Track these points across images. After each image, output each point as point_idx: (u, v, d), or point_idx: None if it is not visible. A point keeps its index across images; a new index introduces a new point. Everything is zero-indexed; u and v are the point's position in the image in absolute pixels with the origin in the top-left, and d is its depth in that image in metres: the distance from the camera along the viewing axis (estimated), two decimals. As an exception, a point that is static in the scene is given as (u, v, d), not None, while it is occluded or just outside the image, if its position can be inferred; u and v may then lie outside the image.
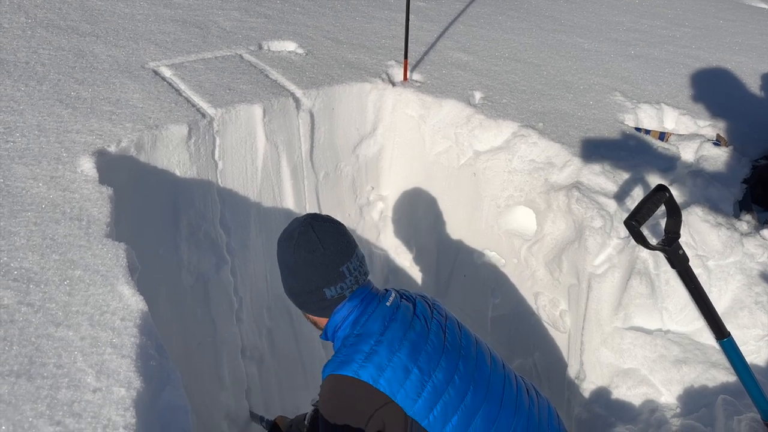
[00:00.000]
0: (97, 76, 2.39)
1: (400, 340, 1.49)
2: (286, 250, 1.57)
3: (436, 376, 1.48)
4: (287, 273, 1.58)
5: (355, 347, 1.48)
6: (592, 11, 4.42)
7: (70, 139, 1.98)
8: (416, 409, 1.43)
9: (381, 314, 1.54)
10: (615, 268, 2.18)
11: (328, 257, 1.53)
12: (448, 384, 1.48)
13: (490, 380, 1.56)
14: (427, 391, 1.45)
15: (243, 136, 2.37)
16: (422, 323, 1.56)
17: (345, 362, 1.46)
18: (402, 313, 1.55)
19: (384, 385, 1.42)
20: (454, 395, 1.48)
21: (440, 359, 1.50)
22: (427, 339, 1.52)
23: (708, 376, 1.99)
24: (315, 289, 1.54)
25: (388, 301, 1.58)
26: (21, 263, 1.51)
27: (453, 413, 1.46)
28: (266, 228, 2.56)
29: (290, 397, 2.85)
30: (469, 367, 1.54)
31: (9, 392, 1.21)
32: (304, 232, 1.54)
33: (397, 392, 1.43)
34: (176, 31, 2.89)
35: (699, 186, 2.37)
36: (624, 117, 2.82)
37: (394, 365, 1.45)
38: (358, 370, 1.44)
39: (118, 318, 1.40)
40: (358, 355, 1.46)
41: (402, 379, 1.44)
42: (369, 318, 1.53)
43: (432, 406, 1.45)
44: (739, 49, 3.83)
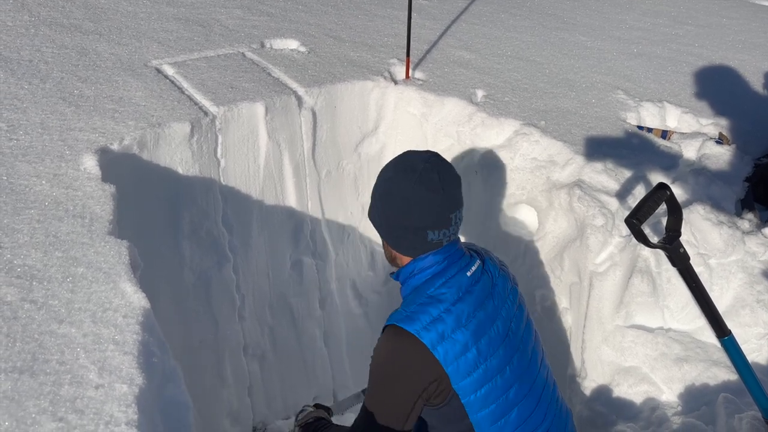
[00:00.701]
0: (100, 74, 2.40)
1: (468, 316, 1.48)
2: (403, 182, 1.48)
3: (491, 362, 1.48)
4: (397, 204, 1.50)
5: (424, 308, 1.47)
6: (595, 9, 4.41)
7: (73, 137, 1.99)
8: (462, 385, 1.45)
9: (458, 283, 1.51)
10: (616, 266, 2.18)
11: (445, 201, 1.49)
12: (499, 373, 1.49)
13: (535, 381, 1.58)
14: (477, 372, 1.46)
15: (245, 134, 2.38)
16: (494, 305, 1.54)
17: (410, 318, 1.45)
18: (479, 289, 1.53)
19: (440, 352, 1.43)
20: (500, 384, 1.49)
21: (499, 347, 1.51)
22: (493, 323, 1.52)
23: (709, 374, 1.99)
24: (421, 227, 1.50)
25: (469, 270, 1.54)
26: (24, 260, 1.52)
27: (494, 401, 1.48)
28: (268, 226, 2.57)
29: (292, 395, 2.86)
30: (522, 363, 1.56)
31: (12, 388, 1.22)
32: (429, 170, 1.48)
33: (450, 364, 1.43)
34: (179, 30, 2.89)
35: (701, 184, 2.37)
36: (626, 115, 2.82)
37: (455, 338, 1.45)
38: (421, 330, 1.43)
39: (120, 315, 1.41)
40: (425, 317, 1.45)
41: (458, 354, 1.44)
42: (446, 282, 1.51)
43: (477, 389, 1.46)
44: (742, 47, 3.83)
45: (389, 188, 1.52)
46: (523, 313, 1.64)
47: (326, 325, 2.89)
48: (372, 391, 1.49)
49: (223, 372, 2.51)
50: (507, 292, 1.61)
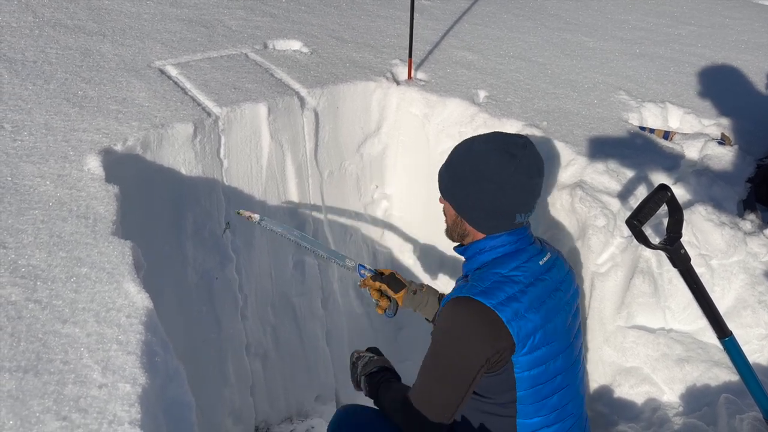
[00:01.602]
0: (104, 75, 2.41)
1: (540, 301, 1.54)
2: (503, 166, 1.52)
3: (550, 348, 1.55)
4: (491, 187, 1.53)
5: (500, 285, 1.52)
6: (598, 9, 4.41)
7: (76, 138, 2.00)
8: (521, 360, 1.51)
9: (532, 269, 1.58)
10: (618, 266, 2.18)
11: (536, 187, 1.57)
12: (552, 359, 1.56)
13: (576, 376, 1.67)
14: (537, 353, 1.52)
15: (248, 134, 2.39)
16: (560, 298, 1.61)
17: (487, 293, 1.50)
18: (549, 279, 1.60)
19: (514, 327, 1.48)
20: (551, 370, 1.56)
21: (558, 337, 1.58)
22: (558, 314, 1.59)
23: (710, 375, 2.00)
24: (512, 211, 1.55)
25: (541, 259, 1.61)
26: (28, 260, 1.53)
27: (542, 383, 1.55)
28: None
29: (294, 394, 2.87)
30: (570, 358, 1.63)
31: (17, 387, 1.23)
32: (528, 157, 1.53)
33: (520, 341, 1.49)
34: (182, 30, 2.90)
35: (703, 185, 2.37)
36: (628, 116, 2.82)
37: (527, 317, 1.50)
38: (498, 305, 1.48)
39: (123, 315, 1.42)
40: (502, 294, 1.50)
41: (529, 333, 1.50)
42: (519, 266, 1.57)
43: (532, 367, 1.53)
44: (745, 47, 3.82)
45: (485, 170, 1.53)
46: (578, 314, 1.72)
47: (328, 324, 2.90)
48: (438, 355, 1.52)
49: (226, 371, 2.52)
50: (571, 291, 1.67)
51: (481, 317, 1.47)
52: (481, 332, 1.48)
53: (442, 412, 1.54)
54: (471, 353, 1.48)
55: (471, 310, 1.48)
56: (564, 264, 1.69)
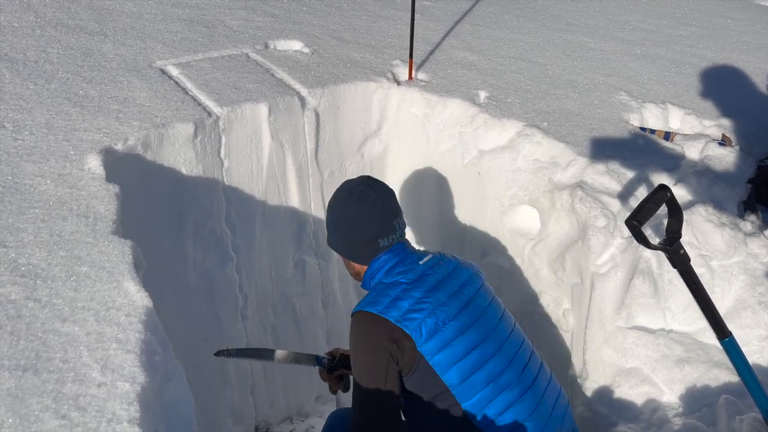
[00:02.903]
0: (105, 74, 2.42)
1: (425, 293, 1.64)
2: (346, 204, 1.75)
3: (450, 327, 1.61)
4: (345, 225, 1.76)
5: (385, 292, 1.65)
6: (599, 10, 4.41)
7: (77, 137, 2.01)
8: (426, 347, 1.58)
9: (413, 269, 1.70)
10: (618, 267, 2.18)
11: (385, 211, 1.74)
12: (460, 335, 1.62)
13: (503, 344, 1.69)
14: (439, 336, 1.59)
15: (249, 134, 2.39)
16: (452, 286, 1.69)
17: (372, 303, 1.63)
18: (434, 274, 1.70)
19: (404, 324, 1.58)
20: (462, 347, 1.61)
21: (459, 315, 1.64)
22: (451, 299, 1.66)
23: (710, 375, 1.99)
24: (372, 239, 1.72)
25: (422, 260, 1.74)
26: (29, 259, 1.53)
27: (458, 360, 1.60)
28: (271, 226, 2.58)
29: (294, 394, 2.87)
30: (485, 328, 1.67)
31: (16, 386, 1.23)
32: (365, 190, 1.74)
33: (413, 331, 1.58)
34: (183, 30, 2.91)
35: (703, 186, 2.37)
36: (629, 116, 2.82)
37: (414, 310, 1.60)
38: (383, 310, 1.60)
39: (123, 314, 1.42)
40: (386, 299, 1.63)
41: (420, 323, 1.59)
42: (403, 270, 1.70)
43: (441, 349, 1.59)
44: (746, 48, 3.82)
45: (337, 214, 1.77)
46: (487, 293, 1.77)
47: (329, 324, 2.90)
48: (355, 370, 1.66)
49: (226, 371, 2.52)
50: (467, 277, 1.75)
51: (370, 324, 1.61)
52: (373, 333, 1.60)
53: (380, 419, 1.63)
54: (373, 352, 1.60)
55: (362, 320, 1.63)
56: (454, 260, 1.78)
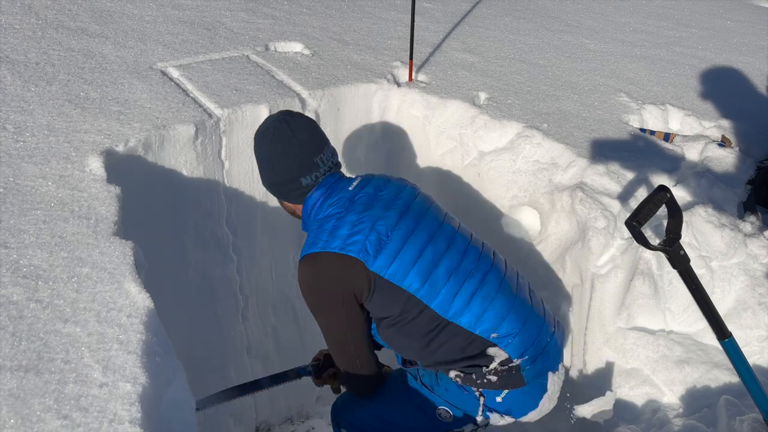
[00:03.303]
0: (106, 76, 2.42)
1: (360, 214, 1.64)
2: (262, 145, 1.71)
3: (395, 236, 1.62)
4: (266, 166, 1.73)
5: (321, 228, 1.64)
6: (599, 12, 4.42)
7: (78, 139, 2.01)
8: (377, 264, 1.58)
9: (343, 197, 1.69)
10: (618, 268, 2.19)
11: (303, 149, 1.68)
12: (408, 240, 1.62)
13: (455, 236, 1.70)
14: (386, 249, 1.59)
15: (249, 136, 2.39)
16: (385, 200, 1.69)
17: (313, 243, 1.63)
18: (367, 192, 1.70)
19: (348, 250, 1.58)
20: (413, 250, 1.61)
21: (399, 223, 1.64)
22: (387, 210, 1.66)
23: (710, 376, 2.00)
24: (292, 178, 1.69)
25: (351, 185, 1.72)
26: (30, 260, 1.54)
27: (412, 263, 1.60)
28: (272, 227, 2.58)
29: (295, 395, 2.87)
30: (431, 227, 1.68)
31: (18, 386, 1.23)
32: (279, 127, 1.68)
33: (359, 252, 1.58)
34: (184, 32, 2.91)
35: (703, 187, 2.37)
36: (629, 118, 2.82)
37: (354, 233, 1.60)
38: (324, 245, 1.60)
39: (124, 315, 1.43)
40: (323, 234, 1.62)
41: (363, 243, 1.59)
42: (334, 201, 1.68)
43: (392, 260, 1.59)
44: (746, 50, 3.82)
45: (257, 156, 1.74)
46: (425, 199, 1.77)
47: (329, 326, 2.90)
48: (319, 320, 1.67)
49: (227, 372, 2.53)
50: (399, 189, 1.75)
51: (315, 265, 1.60)
52: (319, 273, 1.60)
53: (361, 357, 1.68)
54: (326, 294, 1.60)
55: (306, 265, 1.61)
56: (380, 178, 1.78)
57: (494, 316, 1.63)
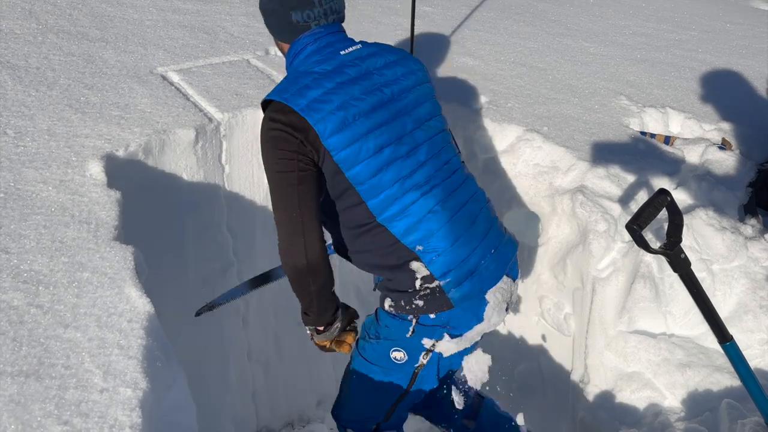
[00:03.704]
0: (107, 81, 2.43)
1: (337, 85, 1.56)
2: None
3: (359, 124, 1.55)
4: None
5: (295, 80, 1.57)
6: (598, 15, 4.42)
7: (79, 144, 2.01)
8: (330, 142, 1.53)
9: (333, 59, 1.60)
10: (619, 271, 2.19)
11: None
12: (370, 133, 1.56)
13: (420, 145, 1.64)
14: (346, 133, 1.54)
15: (249, 140, 2.40)
16: (374, 79, 1.61)
17: (279, 90, 1.56)
18: (356, 67, 1.61)
19: (308, 113, 1.51)
20: (372, 145, 1.56)
21: (369, 116, 1.57)
22: (368, 95, 1.59)
23: (712, 379, 1.99)
24: (283, 9, 1.61)
25: (345, 49, 1.63)
26: (31, 265, 1.54)
27: (365, 158, 1.56)
28: (272, 231, 2.57)
29: (295, 400, 2.86)
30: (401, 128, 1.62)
31: (18, 392, 1.23)
32: None
33: (317, 123, 1.51)
34: (184, 37, 2.92)
35: (704, 190, 2.37)
36: (629, 121, 2.82)
37: (326, 102, 1.53)
38: (289, 97, 1.53)
39: (125, 320, 1.42)
40: (293, 87, 1.55)
41: (325, 114, 1.52)
42: (320, 59, 1.60)
43: (346, 146, 1.54)
44: (746, 52, 3.83)
45: None
46: (421, 96, 1.70)
47: (330, 330, 2.90)
48: (270, 173, 1.58)
49: (228, 377, 2.52)
50: (396, 75, 1.66)
51: (275, 112, 1.53)
52: (279, 122, 1.52)
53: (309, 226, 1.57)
54: (281, 143, 1.52)
55: (270, 111, 1.55)
56: (386, 54, 1.69)
57: (425, 229, 1.61)
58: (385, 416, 1.89)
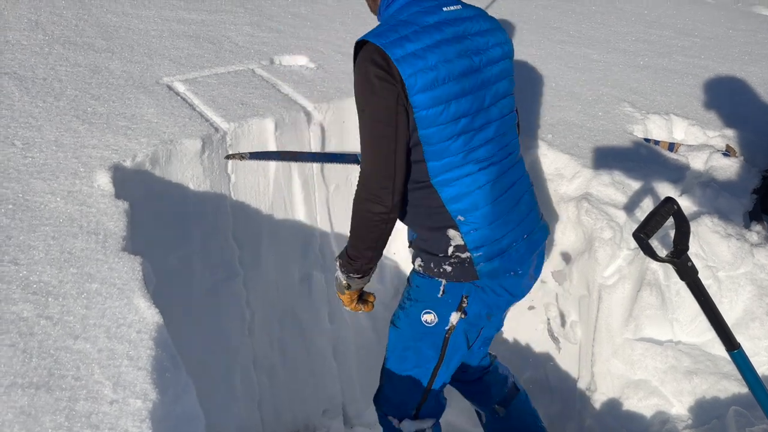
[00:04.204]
0: (113, 91, 2.44)
1: (436, 43, 1.56)
2: None
3: (448, 87, 1.56)
4: None
5: (395, 28, 1.56)
6: (601, 22, 4.44)
7: (86, 154, 2.03)
8: (417, 98, 1.54)
9: (434, 13, 1.61)
10: (625, 279, 2.19)
11: None
12: (454, 99, 1.58)
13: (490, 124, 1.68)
14: (433, 92, 1.55)
15: (255, 149, 2.41)
16: (466, 44, 1.62)
17: (378, 34, 1.55)
18: (455, 27, 1.62)
19: (403, 66, 1.51)
20: (452, 112, 1.58)
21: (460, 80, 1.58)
22: (459, 58, 1.59)
23: (719, 387, 1.99)
24: None
25: (447, 6, 1.64)
26: (40, 277, 1.55)
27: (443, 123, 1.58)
28: (277, 240, 2.59)
29: (301, 408, 2.86)
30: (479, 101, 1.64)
31: (29, 404, 1.24)
32: None
33: (409, 77, 1.52)
34: (190, 47, 2.94)
35: (709, 196, 2.37)
36: (633, 128, 2.83)
37: (417, 56, 1.53)
38: (387, 44, 1.52)
39: (134, 330, 1.43)
40: (393, 34, 1.55)
41: (417, 71, 1.53)
42: (421, 11, 1.60)
43: (430, 106, 1.55)
44: (749, 59, 3.83)
45: None
46: (503, 71, 1.71)
47: (335, 338, 2.91)
48: (363, 111, 1.60)
49: (233, 385, 2.53)
50: (489, 44, 1.67)
51: (378, 58, 1.53)
52: (382, 71, 1.53)
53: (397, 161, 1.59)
54: (382, 92, 1.53)
55: (370, 53, 1.54)
56: (482, 21, 1.70)
57: (470, 202, 1.66)
58: (423, 395, 1.91)
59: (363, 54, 1.56)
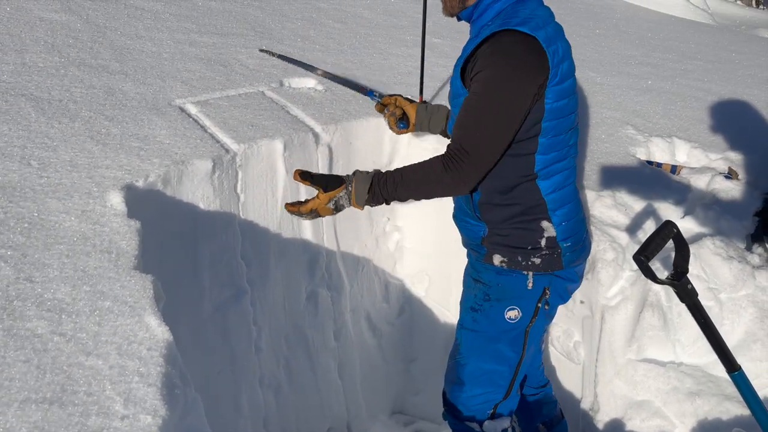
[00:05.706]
0: (126, 113, 2.50)
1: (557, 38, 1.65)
2: None
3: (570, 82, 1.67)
4: None
5: (530, 18, 1.58)
6: (604, 45, 4.49)
7: (100, 175, 2.08)
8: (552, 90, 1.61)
9: (542, 12, 1.66)
10: (628, 300, 2.21)
11: None
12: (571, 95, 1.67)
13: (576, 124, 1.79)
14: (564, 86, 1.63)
15: (264, 169, 2.46)
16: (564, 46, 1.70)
17: (524, 23, 1.56)
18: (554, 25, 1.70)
19: (549, 52, 1.57)
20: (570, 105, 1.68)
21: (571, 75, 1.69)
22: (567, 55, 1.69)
23: (721, 408, 2.00)
24: None
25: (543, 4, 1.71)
26: (54, 294, 1.59)
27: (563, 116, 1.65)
28: (285, 259, 2.63)
29: (306, 425, 2.88)
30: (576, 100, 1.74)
31: (42, 419, 1.27)
32: None
33: (555, 66, 1.59)
34: (201, 69, 3.00)
35: (711, 219, 2.40)
36: (636, 150, 2.86)
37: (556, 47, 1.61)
38: (534, 27, 1.55)
39: (144, 348, 1.46)
40: (533, 23, 1.57)
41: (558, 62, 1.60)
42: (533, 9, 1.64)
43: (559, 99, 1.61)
44: (751, 81, 3.88)
45: None
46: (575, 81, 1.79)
47: (341, 356, 2.93)
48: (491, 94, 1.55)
49: (240, 403, 2.55)
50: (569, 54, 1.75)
51: (526, 45, 1.53)
52: (530, 60, 1.55)
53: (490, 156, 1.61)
54: (524, 82, 1.55)
55: (516, 39, 1.54)
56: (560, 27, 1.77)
57: (563, 196, 1.75)
58: (505, 393, 1.90)
59: (513, 38, 1.54)
